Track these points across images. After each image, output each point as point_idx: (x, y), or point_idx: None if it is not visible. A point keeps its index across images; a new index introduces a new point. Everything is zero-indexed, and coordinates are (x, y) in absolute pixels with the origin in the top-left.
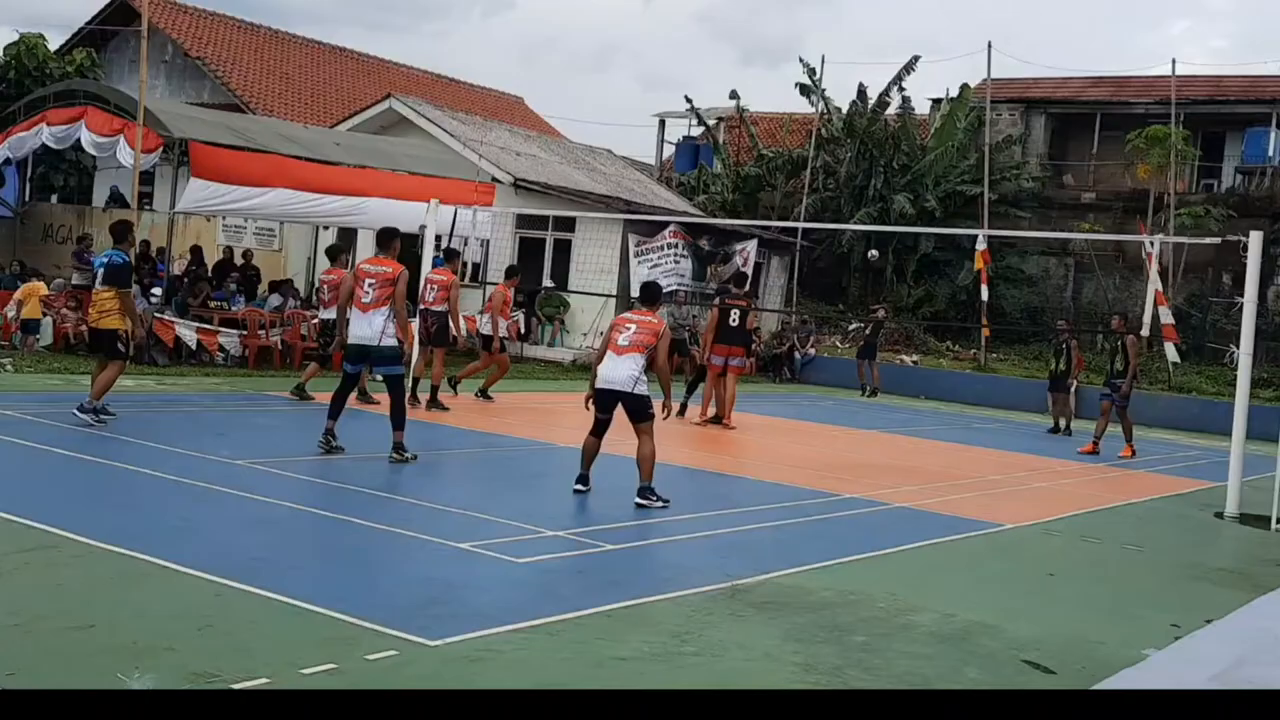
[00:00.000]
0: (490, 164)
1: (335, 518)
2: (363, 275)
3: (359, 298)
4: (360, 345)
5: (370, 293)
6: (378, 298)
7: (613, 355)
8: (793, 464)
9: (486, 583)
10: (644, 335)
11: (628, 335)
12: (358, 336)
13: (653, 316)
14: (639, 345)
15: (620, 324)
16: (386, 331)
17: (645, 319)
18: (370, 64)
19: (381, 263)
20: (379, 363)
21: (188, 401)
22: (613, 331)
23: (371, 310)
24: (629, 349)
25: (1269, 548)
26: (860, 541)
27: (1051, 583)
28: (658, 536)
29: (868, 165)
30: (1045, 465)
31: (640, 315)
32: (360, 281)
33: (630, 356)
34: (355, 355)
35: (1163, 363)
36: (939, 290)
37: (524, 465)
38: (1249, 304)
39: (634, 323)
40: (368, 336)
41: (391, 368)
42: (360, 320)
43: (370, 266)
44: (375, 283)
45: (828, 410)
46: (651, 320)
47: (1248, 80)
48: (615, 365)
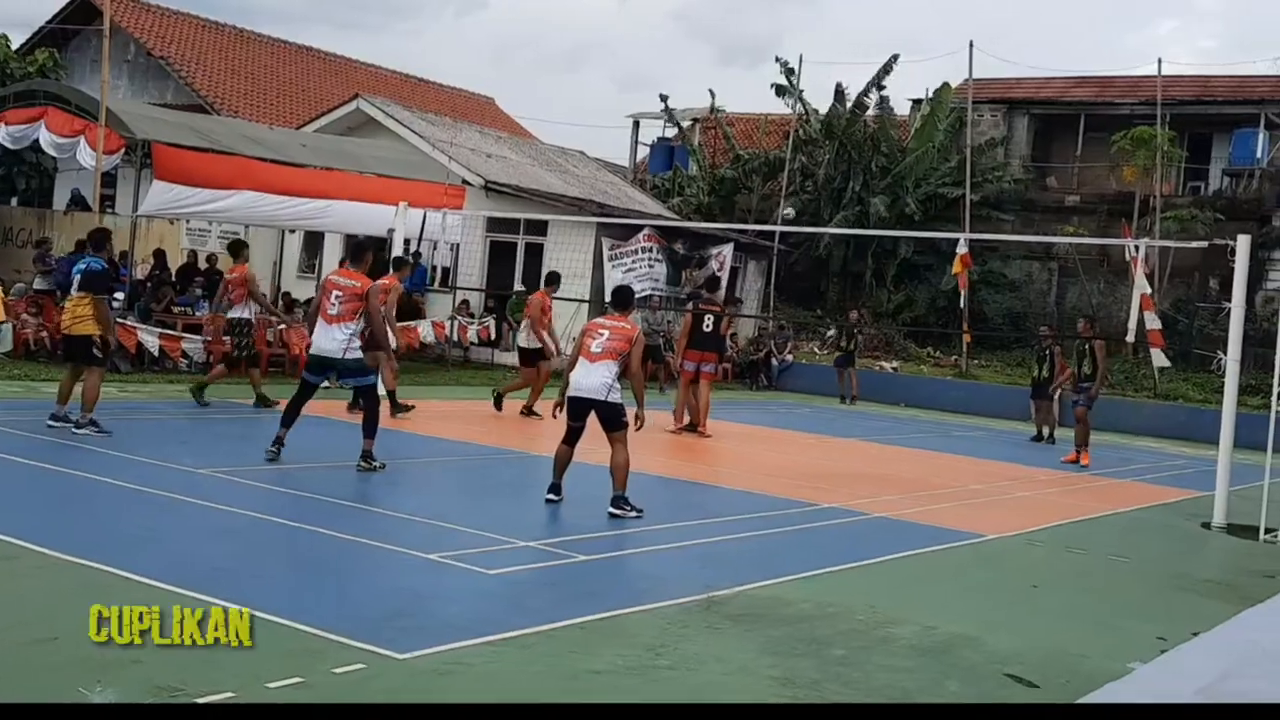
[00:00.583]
0: (460, 166)
1: (300, 527)
2: (330, 287)
3: (325, 308)
4: (323, 357)
5: (337, 305)
6: (344, 311)
7: (585, 362)
8: (770, 473)
9: (456, 594)
10: (617, 342)
11: (600, 342)
12: (320, 348)
13: (625, 322)
14: (612, 352)
15: (593, 330)
16: (351, 345)
17: (618, 324)
18: (337, 64)
19: (351, 275)
20: (346, 375)
21: (150, 409)
22: (585, 337)
23: (336, 323)
24: (602, 356)
25: (1257, 559)
26: (839, 552)
27: (1035, 594)
28: (632, 547)
29: (846, 167)
30: (1028, 474)
31: (613, 321)
32: (328, 293)
33: (603, 364)
34: (317, 366)
35: (1149, 369)
36: (919, 295)
37: (494, 474)
38: (1236, 309)
39: (607, 328)
40: (331, 349)
41: (361, 379)
42: (324, 332)
43: (339, 279)
44: (343, 296)
45: (805, 418)
46: (625, 326)
47: (1236, 80)
48: (588, 372)
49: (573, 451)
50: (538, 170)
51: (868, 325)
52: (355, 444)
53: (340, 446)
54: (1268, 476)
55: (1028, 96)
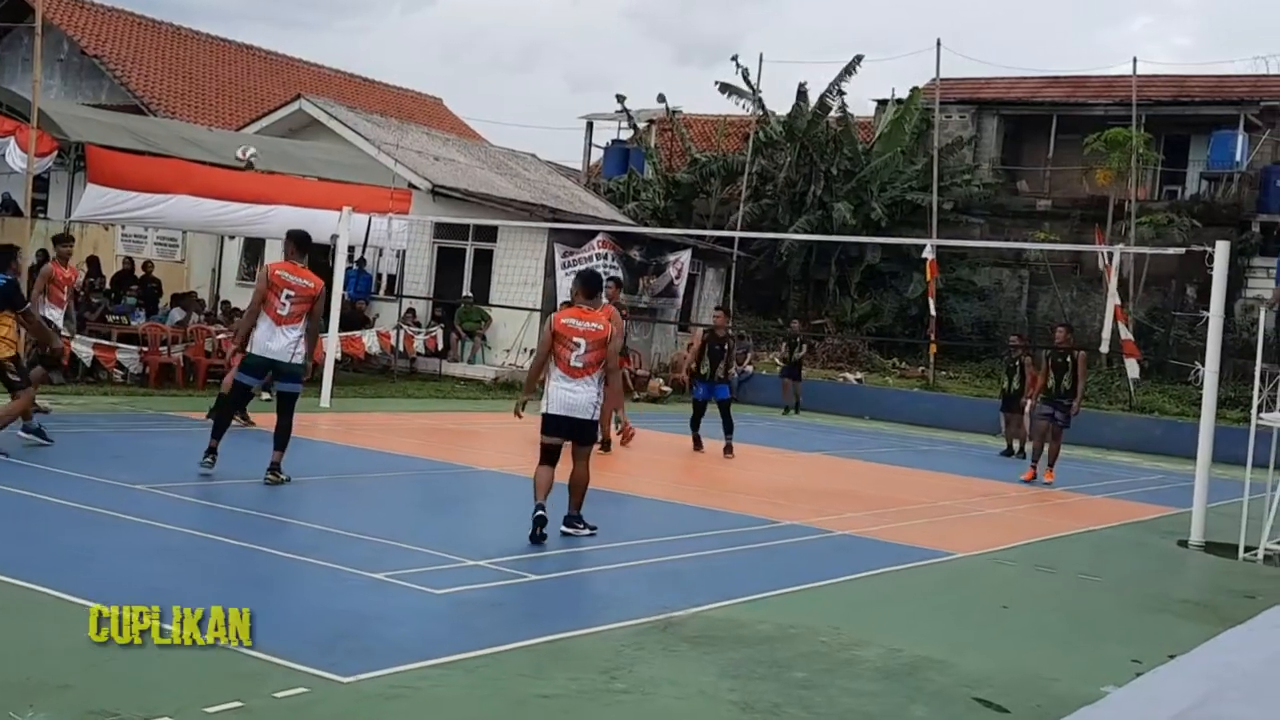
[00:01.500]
0: (407, 169)
1: (240, 545)
2: (280, 284)
3: (274, 307)
4: (269, 360)
5: (288, 305)
6: (295, 312)
7: (567, 378)
8: (729, 488)
9: (401, 615)
10: (595, 352)
11: (579, 354)
12: (267, 349)
13: (598, 321)
14: (594, 364)
15: (565, 335)
16: (299, 349)
17: (592, 327)
18: (279, 63)
19: (302, 274)
20: (286, 379)
21: (84, 422)
22: (559, 345)
23: (287, 324)
24: (584, 371)
25: (1236, 578)
26: (801, 571)
27: (1005, 615)
28: (585, 566)
29: (808, 170)
30: (998, 490)
31: (586, 322)
32: (276, 290)
33: (587, 379)
34: (259, 368)
35: (1123, 381)
36: (885, 304)
37: (442, 489)
38: (1214, 318)
39: (581, 336)
40: (279, 351)
41: (295, 385)
42: (274, 333)
43: (289, 276)
44: (295, 295)
45: (766, 431)
46: (598, 327)
47: (1213, 80)
48: (574, 390)
49: (553, 472)
50: (487, 174)
51: (831, 334)
52: (301, 457)
53: (285, 461)
54: (1247, 492)
55: (997, 97)
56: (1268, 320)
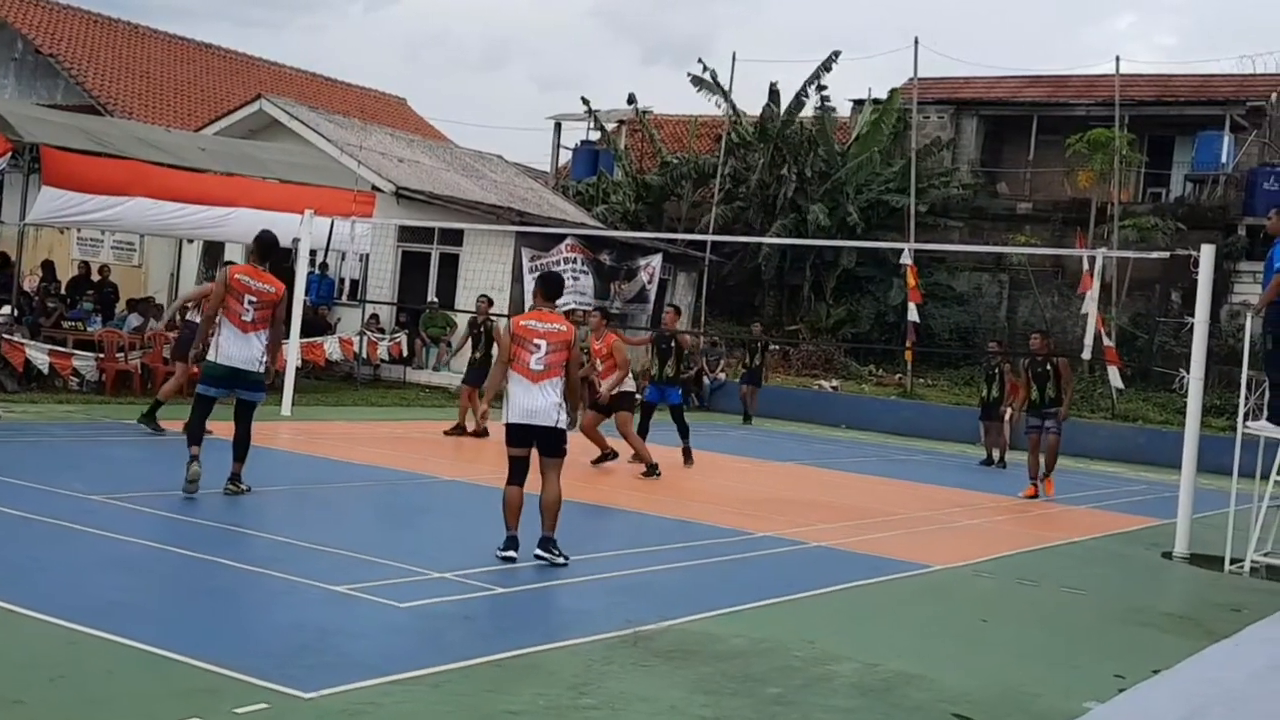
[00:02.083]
0: (370, 171)
1: (199, 557)
2: (241, 289)
3: (237, 313)
4: (234, 369)
5: (251, 311)
6: (259, 318)
7: (527, 383)
8: (701, 499)
9: (365, 629)
10: (557, 354)
11: (539, 357)
12: (233, 358)
13: (560, 323)
14: (555, 367)
15: (525, 337)
16: (263, 357)
17: (553, 328)
18: (239, 62)
19: (264, 278)
20: (247, 388)
21: (38, 431)
22: (518, 348)
23: (252, 332)
24: (545, 375)
25: (1222, 591)
26: (775, 584)
27: (984, 629)
28: (553, 579)
29: (782, 172)
30: (977, 501)
31: (547, 323)
32: (239, 295)
33: (548, 383)
34: (225, 378)
35: (1106, 389)
36: (862, 309)
37: (406, 500)
38: (1200, 324)
39: (542, 338)
40: (246, 360)
41: (258, 394)
42: (239, 341)
43: (251, 280)
44: (258, 301)
45: (739, 440)
46: (560, 329)
47: (1198, 80)
48: (533, 395)
49: (523, 491)
50: (453, 176)
51: (806, 341)
52: (261, 467)
53: (246, 471)
54: (1233, 503)
55: (977, 97)
56: (1254, 326)
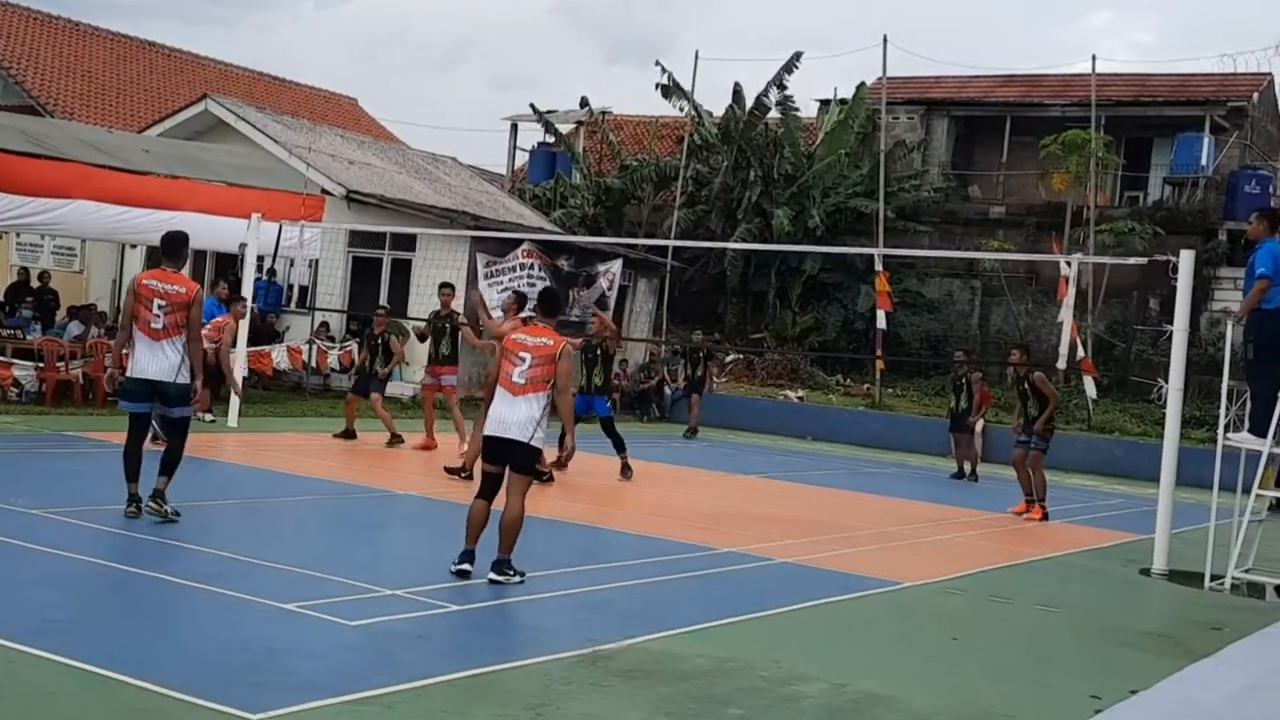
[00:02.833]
0: (319, 174)
1: (142, 574)
2: (148, 294)
3: (146, 321)
4: (149, 380)
5: (161, 317)
6: (170, 324)
7: (508, 395)
8: (662, 514)
9: (314, 648)
10: (542, 368)
11: (523, 370)
12: (145, 370)
13: (549, 337)
14: (538, 382)
15: (512, 351)
16: (183, 367)
17: (541, 342)
18: (184, 61)
19: (171, 278)
20: (171, 403)
21: None
22: (505, 361)
23: (165, 340)
24: (527, 388)
25: (1201, 609)
26: (739, 602)
27: (955, 648)
28: (511, 596)
29: (746, 175)
30: (948, 515)
31: (536, 338)
32: (146, 301)
33: (529, 398)
34: (142, 392)
35: (1081, 399)
36: (829, 317)
37: (358, 514)
38: (1179, 333)
39: (529, 351)
40: (160, 371)
41: (184, 409)
42: (149, 351)
43: (159, 284)
44: (166, 305)
45: (702, 453)
46: (548, 343)
47: (1177, 79)
48: (511, 407)
49: (490, 508)
50: (405, 178)
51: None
52: (203, 481)
53: (188, 483)
54: (1214, 517)
55: (948, 97)
56: (1235, 334)
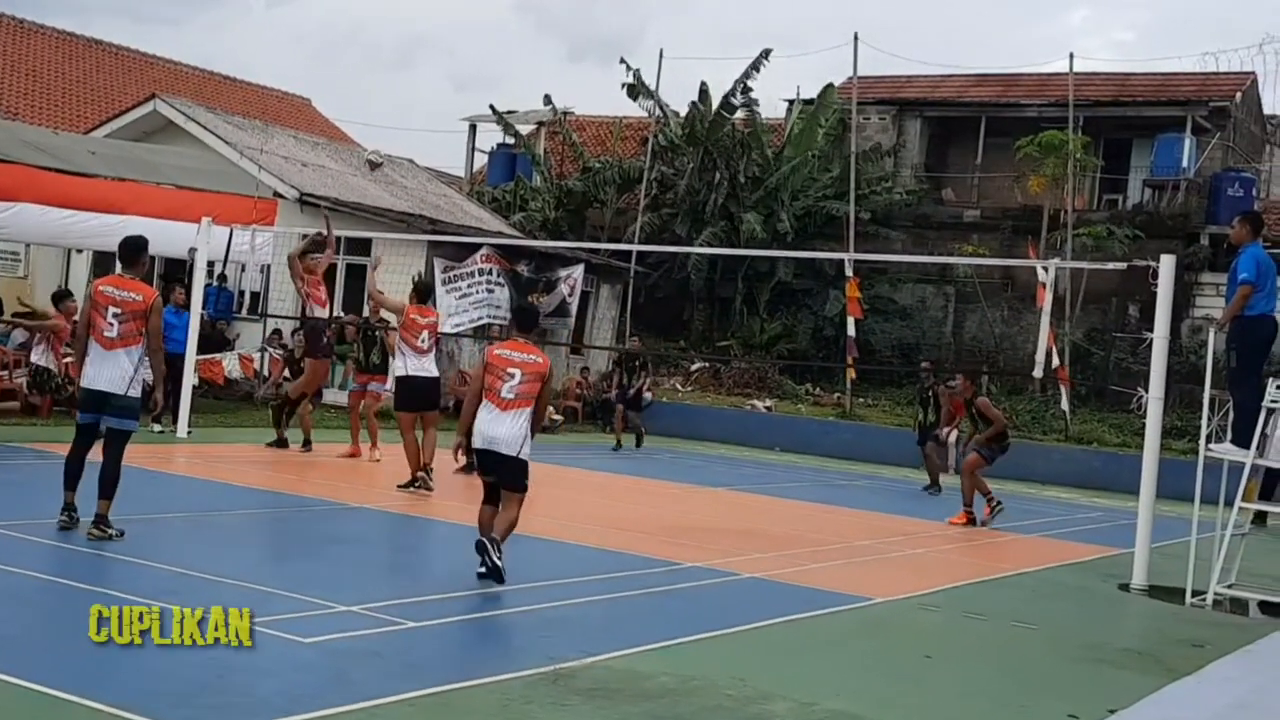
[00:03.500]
0: (272, 176)
1: (89, 589)
2: (104, 301)
3: (100, 329)
4: (98, 391)
5: (115, 325)
6: (126, 332)
7: (495, 410)
8: (626, 527)
9: (267, 666)
10: (530, 384)
11: (511, 386)
12: (95, 379)
13: (536, 354)
14: (526, 398)
15: (499, 366)
16: (135, 378)
17: (529, 359)
18: (133, 60)
19: (127, 285)
20: (115, 414)
21: None
22: (491, 376)
23: (119, 348)
24: (515, 404)
25: (1182, 625)
26: (705, 618)
27: (928, 666)
28: (470, 612)
29: (712, 177)
30: (921, 529)
31: (523, 354)
32: (101, 309)
33: (516, 412)
34: (93, 402)
35: (1058, 409)
36: (798, 324)
37: (312, 528)
38: (1159, 340)
39: (517, 367)
40: (110, 381)
41: (127, 422)
42: (101, 360)
43: (113, 290)
44: (122, 313)
45: (666, 464)
46: (536, 360)
47: (1158, 79)
48: (499, 422)
49: (496, 512)
50: (360, 181)
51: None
52: (152, 493)
53: (139, 496)
54: (1195, 531)
55: (921, 97)
56: (1217, 342)
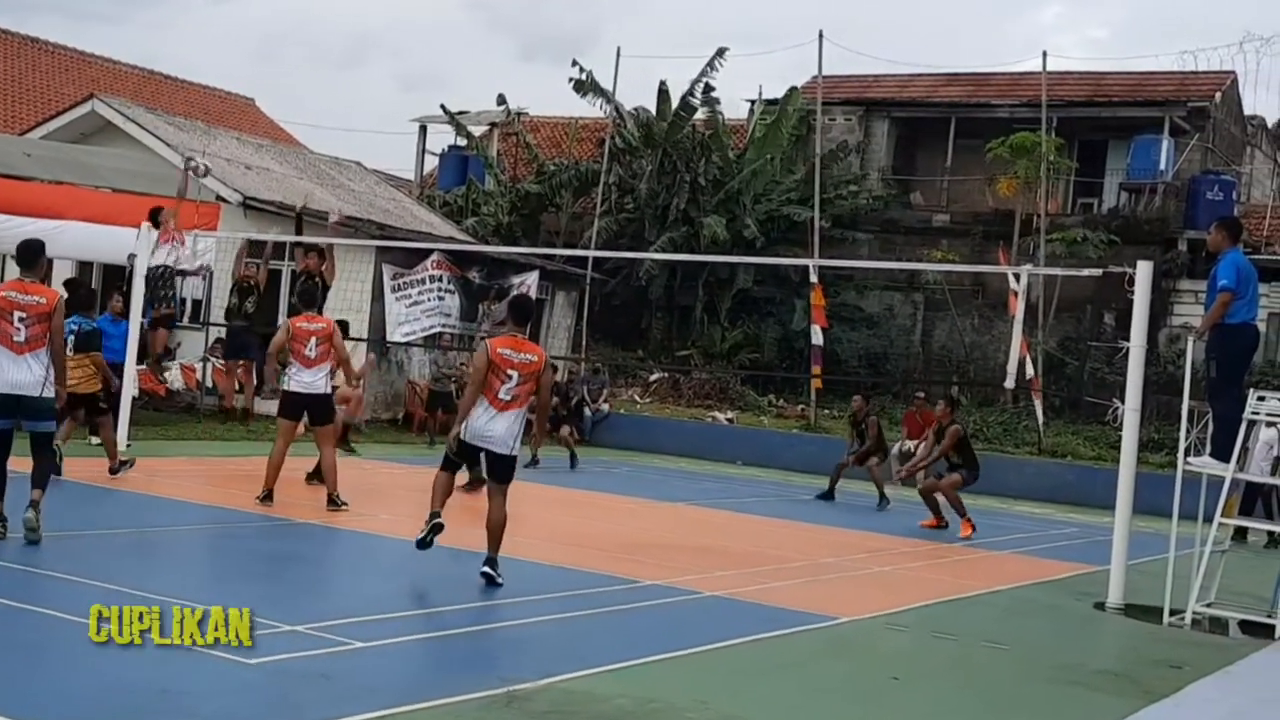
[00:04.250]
0: (214, 179)
1: (18, 607)
2: (9, 306)
3: (8, 334)
4: (13, 395)
5: (23, 330)
6: (33, 336)
7: (492, 410)
8: (583, 543)
9: (209, 688)
10: (526, 384)
11: (509, 388)
12: (10, 383)
13: (532, 352)
14: (523, 398)
15: (500, 365)
16: (48, 380)
17: (526, 359)
18: (70, 58)
19: (30, 289)
20: (33, 417)
21: None
22: (492, 376)
23: (28, 353)
24: (512, 404)
25: (1160, 645)
26: (664, 638)
27: (896, 688)
28: (420, 632)
29: (671, 180)
30: (888, 545)
31: (519, 351)
32: (7, 314)
33: (513, 412)
34: (7, 407)
35: (1031, 421)
36: (761, 333)
37: (255, 544)
38: (1136, 349)
39: (515, 369)
40: (24, 384)
41: (45, 424)
42: (13, 364)
43: (16, 295)
44: (28, 317)
45: (625, 478)
46: (532, 359)
47: (1134, 78)
48: (494, 421)
49: (453, 480)
50: (306, 184)
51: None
52: (89, 508)
53: (74, 511)
54: (1173, 548)
55: (888, 96)
56: (1195, 351)
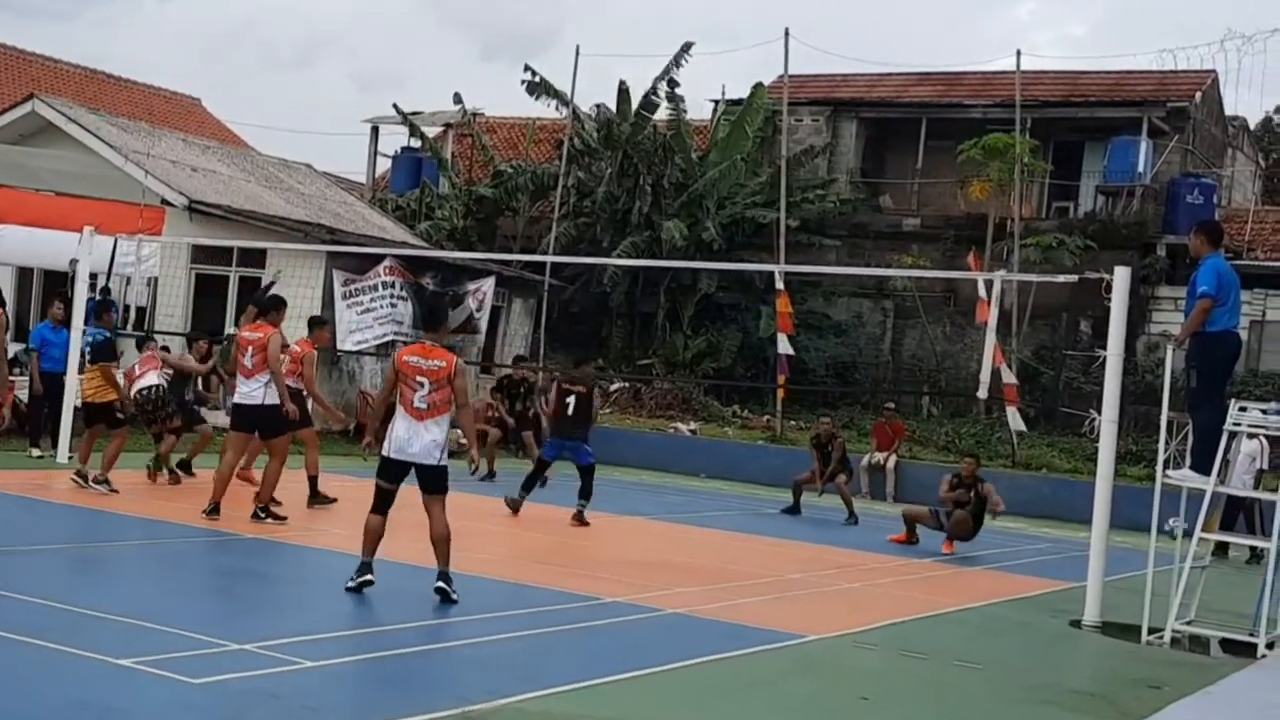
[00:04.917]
0: (159, 182)
1: None
2: None
3: None
4: None
5: None
6: None
7: (411, 421)
8: (541, 559)
9: (152, 709)
10: (440, 391)
11: (422, 395)
12: None
13: (440, 358)
14: (441, 405)
15: (409, 374)
16: None
17: (434, 365)
18: (10, 57)
19: None
20: None
21: None
22: (402, 384)
23: None
24: (429, 413)
25: (1137, 665)
26: (624, 657)
27: (865, 709)
28: (372, 650)
29: (632, 184)
30: (857, 560)
31: (429, 360)
32: None
33: (432, 422)
34: None
35: (1004, 432)
36: (725, 341)
37: (201, 560)
38: (1113, 358)
39: (425, 375)
40: None
41: None
42: None
43: None
44: None
45: None
46: (440, 365)
47: (1112, 78)
48: (414, 433)
49: (385, 522)
50: (254, 187)
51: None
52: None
53: (13, 524)
54: (1152, 564)
55: (856, 96)
56: (1175, 360)
